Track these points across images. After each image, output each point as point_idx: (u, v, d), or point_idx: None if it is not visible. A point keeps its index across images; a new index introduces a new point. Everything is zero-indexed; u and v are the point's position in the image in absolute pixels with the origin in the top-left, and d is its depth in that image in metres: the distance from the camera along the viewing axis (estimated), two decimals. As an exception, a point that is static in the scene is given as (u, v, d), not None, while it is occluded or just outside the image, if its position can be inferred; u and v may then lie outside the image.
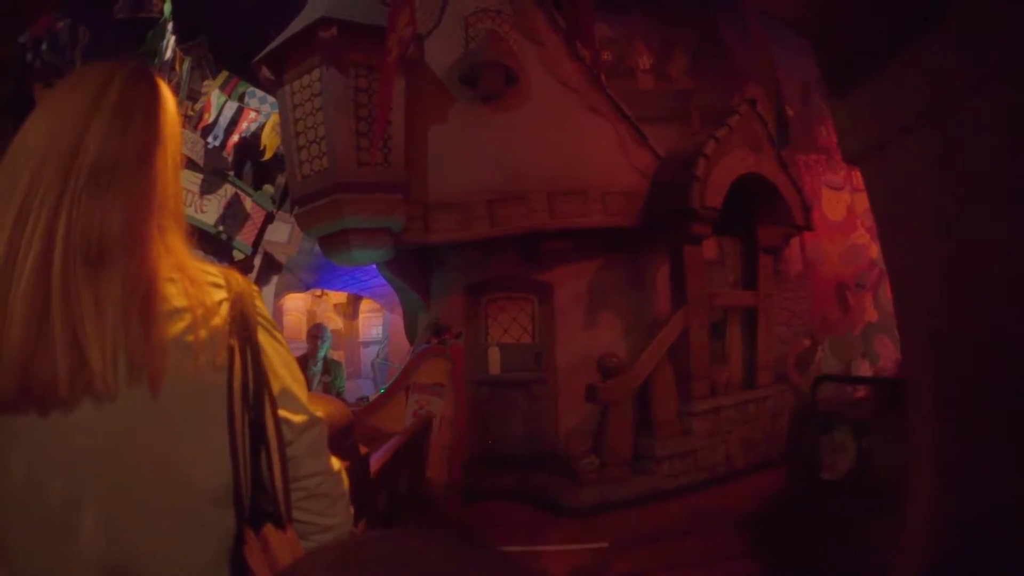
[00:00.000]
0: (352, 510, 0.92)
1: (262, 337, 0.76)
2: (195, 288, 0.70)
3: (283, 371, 0.79)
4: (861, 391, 4.78)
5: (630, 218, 4.30)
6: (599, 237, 4.28)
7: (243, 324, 0.73)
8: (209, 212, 6.81)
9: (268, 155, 6.16)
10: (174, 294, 0.68)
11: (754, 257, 4.80)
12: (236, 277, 0.78)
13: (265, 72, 4.16)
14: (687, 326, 4.22)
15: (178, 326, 0.67)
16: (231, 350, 0.71)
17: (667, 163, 4.47)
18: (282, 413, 0.77)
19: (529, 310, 4.27)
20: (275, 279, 7.60)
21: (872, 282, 6.13)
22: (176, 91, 6.23)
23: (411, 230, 4.01)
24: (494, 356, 4.14)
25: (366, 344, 9.89)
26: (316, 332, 4.30)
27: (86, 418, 0.64)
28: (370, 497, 2.22)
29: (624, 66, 4.94)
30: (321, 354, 4.13)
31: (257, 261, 7.27)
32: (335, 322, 10.90)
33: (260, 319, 0.77)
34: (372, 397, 4.10)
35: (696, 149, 4.32)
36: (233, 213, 6.77)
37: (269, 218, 7.18)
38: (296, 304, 10.36)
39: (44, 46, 5.59)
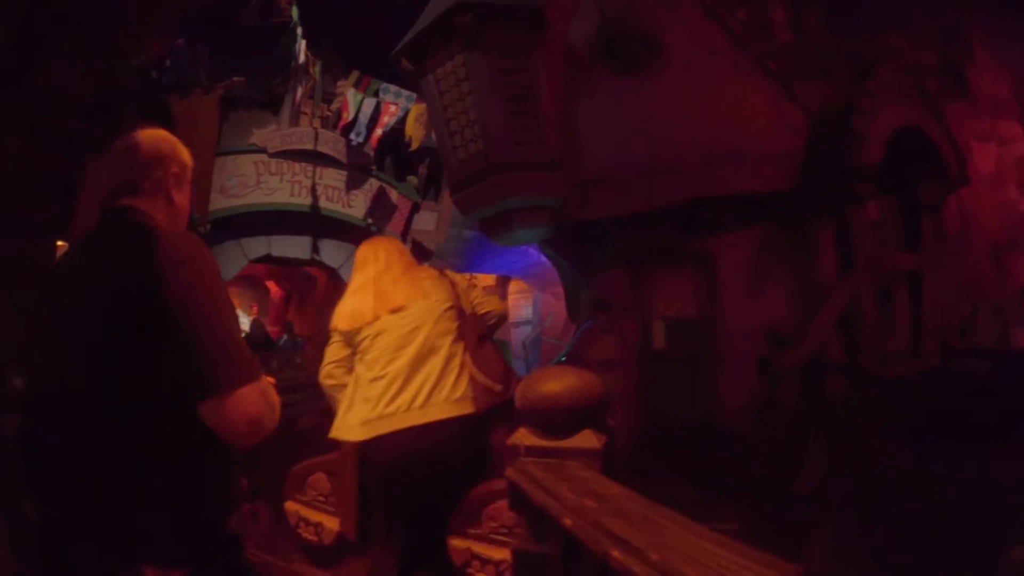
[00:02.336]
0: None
1: (456, 278, 2.81)
2: (429, 277, 2.71)
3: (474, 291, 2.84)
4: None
5: (787, 181, 4.09)
6: (757, 202, 4.10)
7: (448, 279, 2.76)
8: (356, 207, 7.07)
9: (415, 145, 6.27)
10: (424, 278, 2.67)
11: (915, 217, 4.54)
12: (446, 271, 2.90)
13: (405, 64, 4.15)
14: (856, 293, 4.03)
15: (427, 283, 2.63)
16: (448, 287, 2.69)
17: (819, 120, 4.24)
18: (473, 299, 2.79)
19: (691, 282, 4.15)
20: (425, 265, 7.80)
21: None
22: (311, 94, 6.37)
23: (569, 207, 3.95)
24: (659, 330, 4.05)
25: (516, 324, 10.04)
26: None
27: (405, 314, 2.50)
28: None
29: (760, 21, 4.71)
30: None
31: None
32: (485, 304, 11.21)
33: (457, 278, 2.83)
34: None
35: (849, 103, 4.10)
36: (380, 206, 6.99)
37: (415, 208, 7.37)
38: None
39: (168, 63, 5.77)
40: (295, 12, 5.81)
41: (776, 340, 3.76)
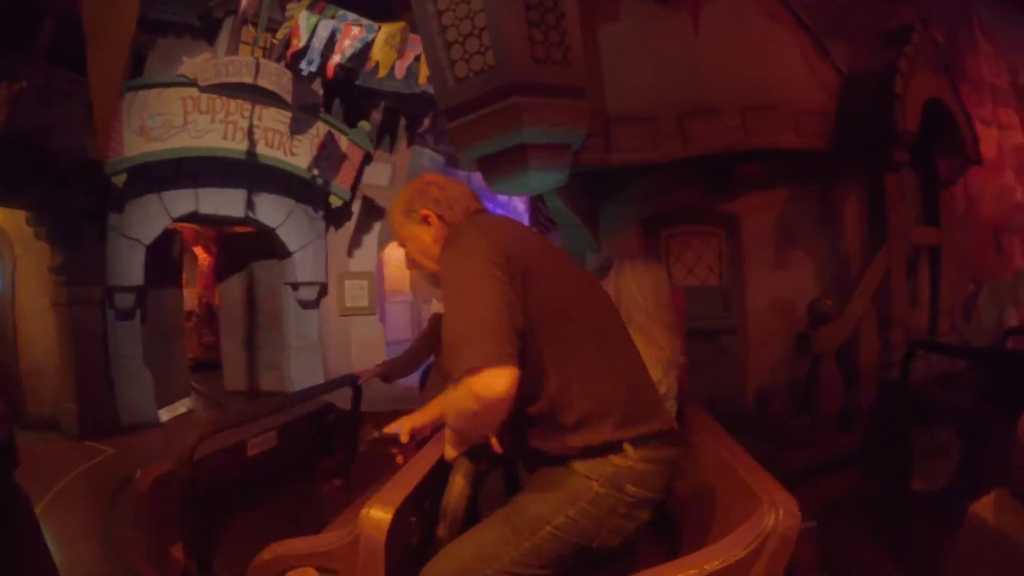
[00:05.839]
0: None
1: None
2: None
3: None
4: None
5: (821, 140, 3.71)
6: (789, 163, 3.69)
7: None
8: (300, 154, 5.98)
9: (383, 72, 5.29)
10: None
11: (934, 191, 4.32)
12: None
13: (393, -42, 3.37)
14: (890, 265, 3.71)
15: None
16: None
17: (853, 81, 3.90)
18: None
19: (716, 247, 3.66)
20: (377, 226, 6.81)
21: (1019, 226, 5.78)
22: (255, 17, 5.26)
23: (589, 149, 3.32)
24: (681, 301, 3.53)
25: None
26: None
27: None
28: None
29: (783, -25, 4.33)
30: None
31: (356, 207, 6.47)
32: (440, 272, 9.98)
33: None
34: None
35: (885, 67, 3.80)
36: (328, 155, 5.93)
37: (367, 158, 6.32)
38: (397, 254, 9.32)
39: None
40: None
41: (818, 314, 3.35)
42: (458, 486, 1.29)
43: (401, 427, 1.57)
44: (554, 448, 1.16)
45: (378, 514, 1.21)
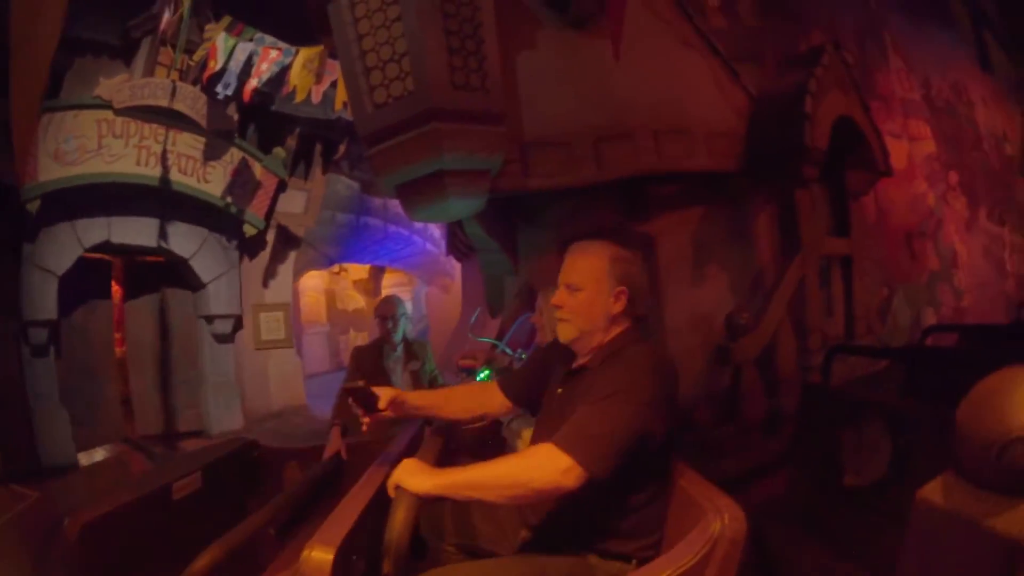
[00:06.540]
0: None
1: None
2: None
3: None
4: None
5: (733, 161, 3.87)
6: (701, 183, 3.83)
7: None
8: (214, 181, 5.81)
9: (300, 96, 5.23)
10: None
11: (844, 203, 4.56)
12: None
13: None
14: (802, 276, 3.90)
15: None
16: None
17: (764, 103, 4.10)
18: None
19: (634, 267, 3.78)
20: (293, 255, 6.65)
21: (931, 230, 6.13)
22: (174, 38, 5.15)
23: (507, 174, 3.37)
24: (601, 320, 3.63)
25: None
26: (387, 310, 3.42)
27: None
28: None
29: (693, 3, 4.52)
30: (399, 335, 3.36)
31: (270, 236, 6.33)
32: (355, 300, 9.77)
33: None
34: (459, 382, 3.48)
35: (795, 88, 4.01)
36: (242, 182, 5.80)
37: (281, 186, 6.22)
38: (312, 283, 9.18)
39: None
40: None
41: (735, 327, 3.50)
42: (400, 519, 1.27)
43: (381, 394, 1.63)
44: (588, 539, 1.34)
45: (320, 555, 1.19)
